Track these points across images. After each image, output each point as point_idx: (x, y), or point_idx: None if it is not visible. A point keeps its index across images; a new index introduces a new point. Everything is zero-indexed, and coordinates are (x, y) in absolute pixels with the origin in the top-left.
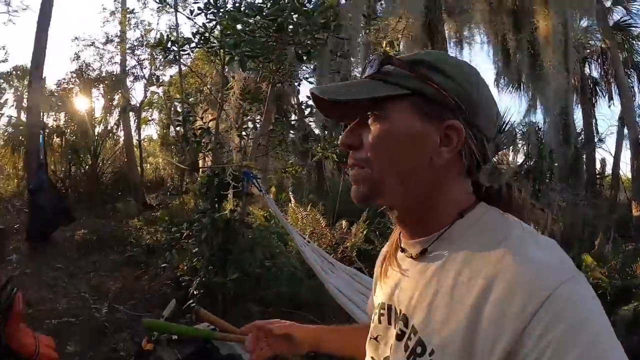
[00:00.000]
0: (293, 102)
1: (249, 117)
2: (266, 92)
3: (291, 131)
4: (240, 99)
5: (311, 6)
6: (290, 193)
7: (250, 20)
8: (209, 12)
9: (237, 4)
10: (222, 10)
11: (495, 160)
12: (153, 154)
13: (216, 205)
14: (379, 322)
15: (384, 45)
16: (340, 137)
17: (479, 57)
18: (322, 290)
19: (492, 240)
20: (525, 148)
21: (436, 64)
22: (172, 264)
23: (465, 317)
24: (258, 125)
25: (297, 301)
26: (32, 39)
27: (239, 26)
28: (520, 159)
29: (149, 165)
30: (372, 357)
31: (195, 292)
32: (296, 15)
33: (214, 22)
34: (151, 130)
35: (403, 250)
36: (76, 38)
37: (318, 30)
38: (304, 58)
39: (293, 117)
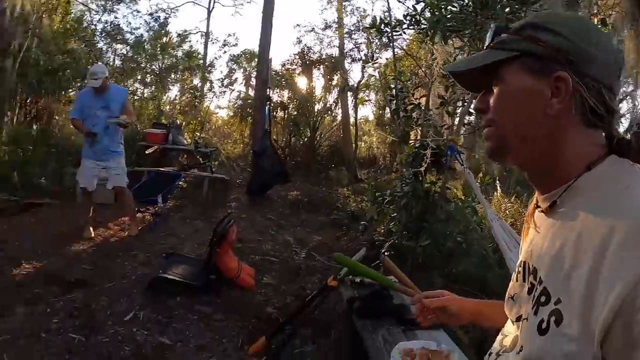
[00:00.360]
0: None
1: (457, 95)
2: None
3: None
4: (447, 76)
5: None
6: (497, 183)
7: (455, 4)
8: None
9: None
10: None
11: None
12: (368, 133)
13: (419, 176)
14: (516, 280)
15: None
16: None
17: None
18: (506, 282)
19: (616, 189)
20: None
21: (544, 24)
22: (371, 224)
23: (588, 266)
24: (466, 104)
25: (484, 286)
26: (259, 26)
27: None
28: None
29: (363, 143)
30: (510, 320)
31: (386, 253)
32: None
33: (422, 4)
34: (367, 111)
35: (538, 207)
36: (298, 25)
37: (517, 4)
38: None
39: None
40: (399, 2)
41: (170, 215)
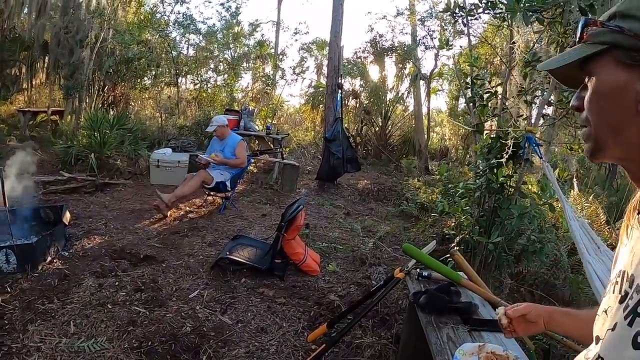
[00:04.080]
0: None
1: (536, 84)
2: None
3: None
4: (527, 64)
5: None
6: (574, 180)
7: None
8: None
9: None
10: None
11: None
12: (440, 124)
13: (494, 169)
14: (612, 291)
15: None
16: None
17: None
18: (582, 288)
19: None
20: None
21: (628, 12)
22: (441, 217)
23: None
24: (546, 93)
25: (553, 291)
26: (330, 14)
27: None
28: None
29: (435, 134)
30: (597, 336)
31: (456, 247)
32: None
33: None
34: (440, 102)
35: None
36: (369, 12)
37: None
38: (588, 12)
39: None
40: None
41: (240, 199)
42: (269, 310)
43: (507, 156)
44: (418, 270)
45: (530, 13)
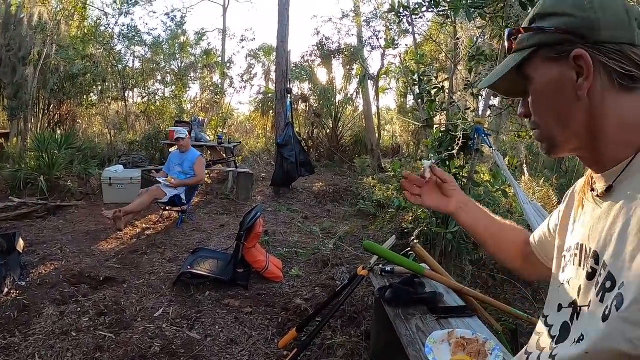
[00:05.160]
0: None
1: (482, 77)
2: (498, 51)
3: None
4: (471, 59)
5: None
6: (524, 166)
7: None
8: None
9: None
10: None
11: None
12: (390, 122)
13: (446, 162)
14: (573, 263)
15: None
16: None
17: None
18: None
19: None
20: None
21: (545, 11)
22: (399, 213)
23: None
24: None
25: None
26: (275, 20)
27: None
28: None
29: (386, 132)
30: (559, 305)
31: (415, 241)
32: None
33: None
34: (389, 100)
35: (593, 189)
36: (315, 16)
37: None
38: (528, 6)
39: None
40: None
41: (197, 212)
42: (237, 321)
43: (457, 148)
44: (381, 266)
45: (473, 9)
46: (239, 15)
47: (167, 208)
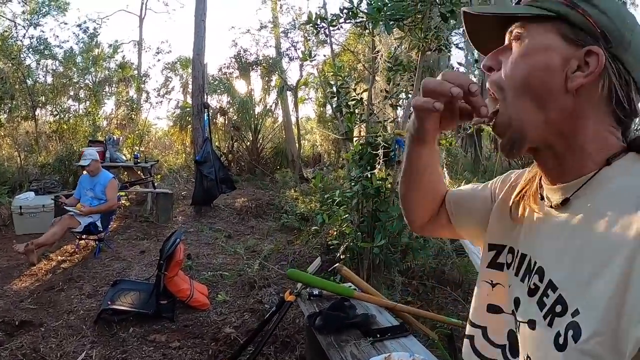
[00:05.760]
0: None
1: (400, 87)
2: (416, 62)
3: None
4: (390, 69)
5: None
6: (444, 169)
7: None
8: None
9: None
10: None
11: None
12: (310, 131)
13: (368, 174)
14: (510, 269)
15: None
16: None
17: None
18: (469, 269)
19: None
20: None
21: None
22: (323, 228)
23: (614, 273)
24: (410, 96)
25: (443, 277)
26: (192, 32)
27: None
28: None
29: (306, 142)
30: (497, 306)
31: (342, 257)
32: None
33: None
34: (308, 110)
35: (543, 198)
36: (233, 27)
37: None
38: (448, 18)
39: None
40: None
41: (115, 238)
42: (165, 358)
43: (380, 161)
44: (308, 289)
45: (392, 22)
46: (156, 25)
47: (83, 237)
